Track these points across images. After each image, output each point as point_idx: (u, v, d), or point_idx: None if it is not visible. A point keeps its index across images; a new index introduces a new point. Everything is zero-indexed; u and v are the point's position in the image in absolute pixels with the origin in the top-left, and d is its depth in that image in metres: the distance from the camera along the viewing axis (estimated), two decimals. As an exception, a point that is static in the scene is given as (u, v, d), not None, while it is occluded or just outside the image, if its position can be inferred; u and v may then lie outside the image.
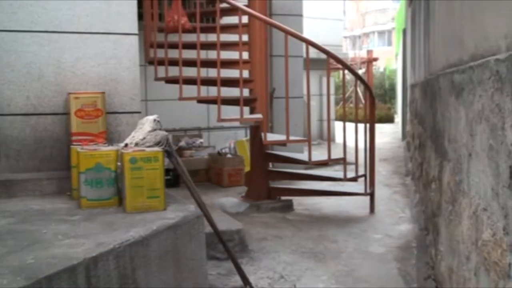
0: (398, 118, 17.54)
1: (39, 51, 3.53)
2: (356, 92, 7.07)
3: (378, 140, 6.49)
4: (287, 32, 5.17)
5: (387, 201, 6.02)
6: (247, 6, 5.50)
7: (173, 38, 5.29)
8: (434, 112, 3.49)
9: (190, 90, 5.25)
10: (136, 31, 3.81)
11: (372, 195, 5.49)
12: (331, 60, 5.58)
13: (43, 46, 3.53)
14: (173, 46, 5.25)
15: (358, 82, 5.80)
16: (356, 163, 5.46)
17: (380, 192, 6.11)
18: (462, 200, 2.16)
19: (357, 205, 5.62)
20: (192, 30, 5.16)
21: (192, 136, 7.58)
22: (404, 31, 11.82)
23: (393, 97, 23.12)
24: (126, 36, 3.78)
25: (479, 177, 1.80)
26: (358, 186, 5.63)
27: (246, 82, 5.45)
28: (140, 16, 4.46)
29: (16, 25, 3.48)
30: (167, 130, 3.07)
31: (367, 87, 5.78)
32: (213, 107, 5.49)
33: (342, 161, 5.40)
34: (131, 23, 3.79)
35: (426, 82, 4.38)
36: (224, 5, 5.23)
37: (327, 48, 5.36)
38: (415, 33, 7.05)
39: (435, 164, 3.42)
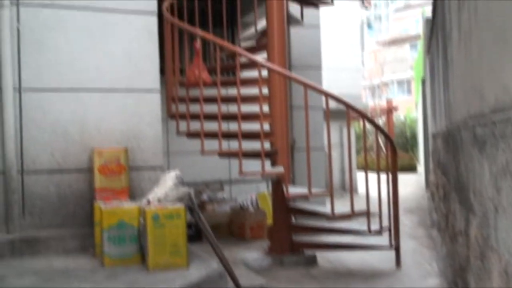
0: (420, 167, 17.37)
1: (65, 109, 3.61)
2: (377, 142, 7.05)
3: (401, 190, 6.41)
4: (307, 86, 5.22)
5: (413, 253, 5.89)
6: (266, 59, 5.58)
7: (194, 92, 5.38)
8: (457, 163, 3.45)
9: (211, 144, 5.28)
10: (158, 87, 3.89)
11: (397, 248, 5.37)
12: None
13: (68, 104, 3.61)
14: (194, 100, 5.32)
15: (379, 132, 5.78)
16: (380, 215, 5.38)
17: (406, 244, 5.98)
18: (491, 255, 2.10)
19: (382, 258, 5.49)
20: (213, 84, 5.24)
21: (214, 189, 7.57)
22: (423, 80, 11.86)
23: (414, 145, 22.96)
24: (149, 93, 3.86)
25: (507, 232, 1.75)
26: (383, 239, 5.53)
27: (267, 135, 5.47)
28: (162, 71, 4.57)
29: (43, 84, 3.59)
30: (188, 184, 3.08)
31: (388, 138, 5.76)
32: (235, 160, 5.50)
33: (366, 214, 5.32)
34: (154, 79, 3.87)
35: (448, 133, 4.36)
36: (244, 59, 5.33)
37: (346, 98, 5.39)
38: (434, 82, 7.06)
39: (461, 217, 3.36)
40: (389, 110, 20.38)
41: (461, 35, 2.85)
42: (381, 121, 20.36)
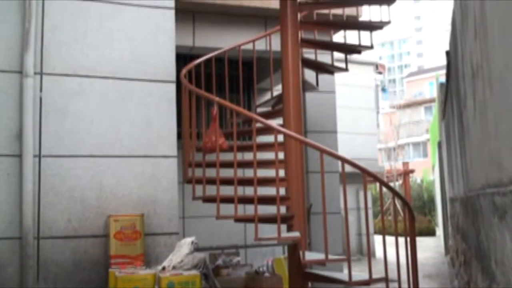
0: (439, 231, 17.04)
1: (83, 174, 3.65)
2: (395, 205, 6.97)
3: (420, 254, 6.27)
4: (322, 151, 5.23)
5: (434, 322, 5.69)
6: (282, 125, 5.64)
7: (210, 157, 5.42)
8: (477, 230, 3.39)
9: (227, 208, 5.26)
10: (175, 153, 3.93)
11: (417, 317, 5.20)
12: (367, 176, 5.57)
13: (87, 170, 3.66)
14: (211, 165, 5.35)
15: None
16: (399, 282, 5.24)
17: (426, 312, 5.79)
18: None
19: (402, 327, 5.31)
20: (229, 150, 5.28)
21: (229, 254, 7.47)
22: (439, 144, 11.83)
23: (432, 209, 22.64)
24: (165, 159, 3.89)
25: (532, 307, 1.70)
26: (402, 307, 5.36)
27: (283, 199, 5.45)
28: (179, 135, 4.63)
29: (62, 151, 3.64)
30: (204, 248, 3.05)
31: (406, 204, 5.70)
32: (250, 224, 5.46)
33: (384, 280, 5.19)
34: (171, 146, 3.92)
35: (466, 199, 4.30)
36: (259, 124, 5.39)
37: (362, 161, 5.39)
38: (450, 147, 7.05)
39: (484, 286, 3.26)
40: (406, 173, 20.25)
41: (476, 104, 2.87)
42: (397, 184, 20.19)
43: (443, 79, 9.27)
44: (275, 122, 5.64)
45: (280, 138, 5.46)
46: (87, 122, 3.70)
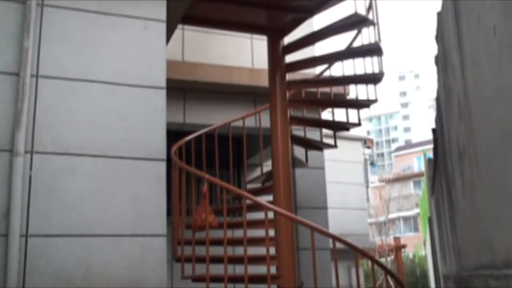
0: (433, 308, 16.66)
1: (70, 255, 3.58)
2: (387, 281, 6.84)
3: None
4: (313, 228, 5.20)
5: None
6: (272, 202, 5.63)
7: (200, 234, 5.36)
8: (472, 311, 3.32)
9: (217, 287, 5.15)
10: (165, 232, 3.88)
11: None
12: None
13: (74, 250, 3.59)
14: (201, 243, 5.28)
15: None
16: None
17: None
18: None
19: None
20: (219, 227, 5.23)
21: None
22: (430, 219, 11.80)
23: (426, 285, 22.24)
24: (154, 238, 3.84)
25: None
26: None
27: (274, 278, 5.35)
28: (169, 211, 4.59)
29: (50, 230, 3.60)
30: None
31: (399, 283, 5.61)
32: (240, 304, 5.32)
33: None
34: (160, 225, 3.88)
35: (460, 278, 4.25)
36: (250, 201, 5.37)
37: (353, 237, 5.35)
38: (441, 223, 7.03)
39: None
40: (398, 248, 20.05)
41: (464, 184, 2.89)
42: (389, 259, 19.93)
43: (430, 154, 9.39)
44: (265, 199, 5.63)
45: (271, 215, 5.44)
46: (76, 201, 3.68)
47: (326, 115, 8.21)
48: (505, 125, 1.70)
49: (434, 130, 5.86)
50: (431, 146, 7.22)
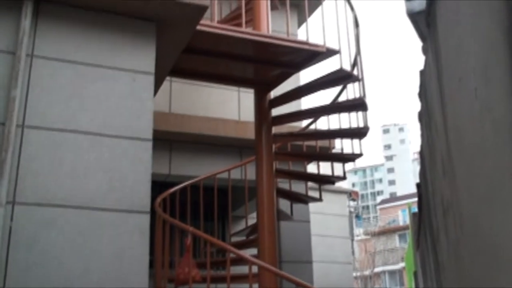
0: None
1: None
2: None
3: None
4: (298, 284, 5.13)
5: None
6: (256, 256, 5.57)
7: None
8: None
9: None
10: (147, 287, 3.80)
11: None
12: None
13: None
14: (183, 297, 5.17)
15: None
16: None
17: None
18: None
19: None
20: (202, 281, 5.14)
21: None
22: (415, 274, 11.71)
23: None
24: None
25: None
26: None
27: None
28: (151, 263, 4.50)
29: (29, 284, 3.52)
30: None
31: None
32: None
33: None
34: (142, 281, 3.81)
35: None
36: (234, 255, 5.31)
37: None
38: (426, 278, 6.97)
39: None
40: (383, 303, 19.78)
41: (449, 242, 2.89)
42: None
43: (415, 207, 9.40)
44: (250, 252, 5.57)
45: (255, 269, 5.36)
46: (56, 254, 3.60)
47: (311, 166, 8.25)
48: (488, 184, 1.72)
49: (418, 185, 5.90)
50: (415, 199, 7.25)
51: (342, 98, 6.12)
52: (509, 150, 1.47)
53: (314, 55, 5.72)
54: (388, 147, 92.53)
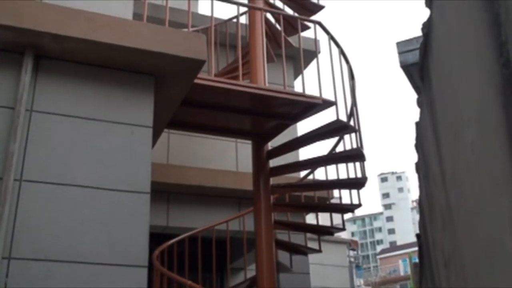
0: None
1: None
2: None
3: None
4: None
5: None
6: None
7: None
8: None
9: None
10: None
11: None
12: None
13: None
14: None
15: None
16: None
17: None
18: None
19: None
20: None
21: None
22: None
23: None
24: None
25: None
26: None
27: None
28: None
29: None
30: None
31: None
32: None
33: None
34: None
35: None
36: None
37: None
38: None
39: None
40: None
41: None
42: None
43: (416, 256, 9.29)
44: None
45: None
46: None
47: (310, 216, 8.19)
48: (488, 239, 1.71)
49: (418, 236, 5.85)
50: (416, 248, 7.18)
51: (339, 149, 6.15)
52: (509, 204, 1.47)
53: (311, 106, 5.78)
54: (386, 195, 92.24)
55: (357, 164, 5.93)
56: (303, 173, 7.16)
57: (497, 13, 1.33)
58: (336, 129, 5.79)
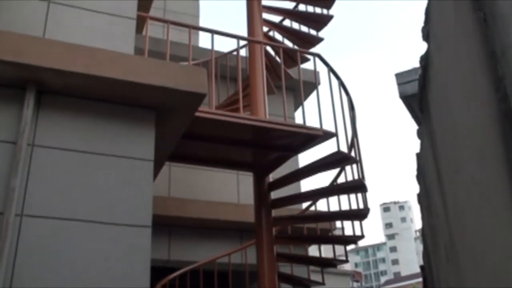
0: None
1: None
2: None
3: None
4: None
5: None
6: None
7: None
8: None
9: None
10: None
11: None
12: None
13: None
14: None
15: None
16: None
17: None
18: None
19: None
20: None
21: None
22: None
23: None
24: None
25: None
26: None
27: None
28: None
29: None
30: None
31: None
32: None
33: None
34: None
35: None
36: None
37: None
38: None
39: None
40: None
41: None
42: None
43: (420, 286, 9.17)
44: None
45: None
46: None
47: (313, 248, 8.12)
48: (495, 273, 1.69)
49: (422, 268, 5.79)
50: (420, 279, 7.09)
51: (341, 180, 6.14)
52: (511, 239, 1.46)
53: (312, 138, 5.79)
54: (389, 225, 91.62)
55: (359, 195, 5.91)
56: (305, 204, 7.13)
57: (493, 50, 1.35)
58: (337, 160, 5.79)
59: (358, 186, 5.78)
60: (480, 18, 1.53)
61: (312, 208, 6.78)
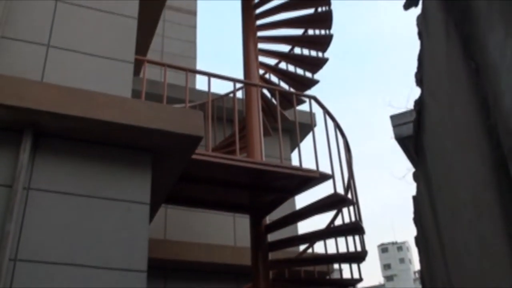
0: None
1: None
2: None
3: None
4: None
5: None
6: None
7: None
8: None
9: None
10: None
11: None
12: None
13: None
14: None
15: None
16: None
17: None
18: None
19: None
20: None
21: None
22: None
23: None
24: None
25: None
26: None
27: None
28: None
29: None
30: None
31: None
32: None
33: None
34: None
35: None
36: None
37: None
38: None
39: None
40: None
41: None
42: None
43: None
44: None
45: None
46: None
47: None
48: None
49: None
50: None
51: (338, 222, 6.11)
52: (509, 285, 1.45)
53: (308, 180, 5.79)
54: (387, 266, 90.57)
55: (356, 237, 5.88)
56: (302, 247, 7.07)
57: (484, 97, 1.37)
58: (334, 202, 5.78)
59: (355, 228, 5.75)
60: (472, 66, 1.56)
61: (310, 250, 6.72)
